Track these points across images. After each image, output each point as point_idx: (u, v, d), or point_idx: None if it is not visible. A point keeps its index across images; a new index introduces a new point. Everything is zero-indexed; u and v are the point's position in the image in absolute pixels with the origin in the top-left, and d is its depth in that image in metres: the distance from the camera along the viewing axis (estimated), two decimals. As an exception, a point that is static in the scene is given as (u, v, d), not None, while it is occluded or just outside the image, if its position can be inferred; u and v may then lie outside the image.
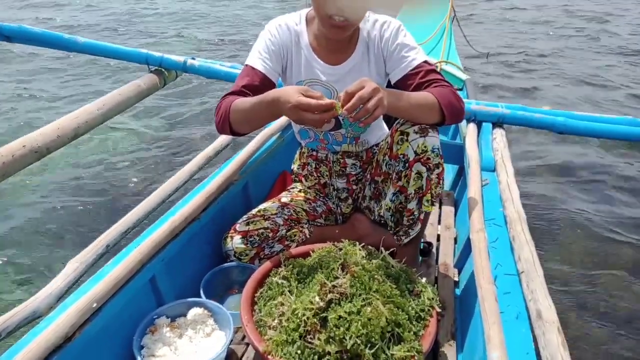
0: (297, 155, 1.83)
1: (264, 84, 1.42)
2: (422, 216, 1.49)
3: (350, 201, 1.76)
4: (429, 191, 1.41)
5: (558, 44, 7.31)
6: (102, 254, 1.28)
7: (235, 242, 1.54)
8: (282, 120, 2.16)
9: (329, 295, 1.15)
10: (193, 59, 2.50)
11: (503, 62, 6.34)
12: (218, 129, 1.43)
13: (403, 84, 1.45)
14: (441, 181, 1.43)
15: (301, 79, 1.52)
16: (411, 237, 1.54)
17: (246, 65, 1.47)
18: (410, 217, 1.50)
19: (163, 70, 2.50)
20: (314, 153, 1.72)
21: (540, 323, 1.03)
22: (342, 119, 1.56)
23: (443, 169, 1.43)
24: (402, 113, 1.35)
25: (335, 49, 1.49)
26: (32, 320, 1.08)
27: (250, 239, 1.54)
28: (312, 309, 1.13)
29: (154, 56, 2.48)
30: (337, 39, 1.43)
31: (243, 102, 1.33)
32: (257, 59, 1.46)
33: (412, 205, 1.46)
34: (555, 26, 8.38)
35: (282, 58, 1.50)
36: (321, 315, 1.13)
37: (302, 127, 1.65)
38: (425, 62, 1.45)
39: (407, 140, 1.38)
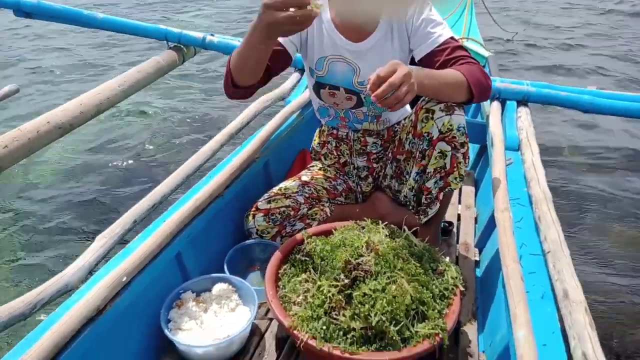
0: (316, 133, 1.82)
1: (279, 53, 1.40)
2: (440, 195, 1.47)
3: (370, 180, 1.75)
4: (455, 169, 1.39)
5: (588, 24, 7.08)
6: (130, 229, 1.30)
7: (257, 220, 1.55)
8: (303, 97, 2.15)
9: (354, 273, 1.16)
10: (212, 35, 2.48)
11: (527, 42, 6.17)
12: (225, 90, 1.40)
13: (429, 60, 1.42)
14: (467, 160, 1.42)
15: (323, 55, 1.50)
16: (429, 216, 1.52)
17: None
18: (428, 196, 1.48)
19: (182, 46, 2.50)
20: (334, 131, 1.71)
21: (567, 303, 1.02)
22: (364, 97, 1.54)
23: (468, 147, 1.41)
24: (430, 92, 1.33)
25: (357, 25, 1.46)
26: (64, 292, 1.10)
27: (272, 217, 1.55)
28: (337, 285, 1.14)
29: (173, 32, 2.47)
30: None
31: (238, 46, 1.29)
32: None
33: (430, 183, 1.45)
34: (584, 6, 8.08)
35: (300, 32, 1.45)
36: (346, 292, 1.14)
37: (321, 104, 1.63)
38: (452, 38, 1.41)
39: (432, 118, 1.36)
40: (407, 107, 1.70)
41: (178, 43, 2.49)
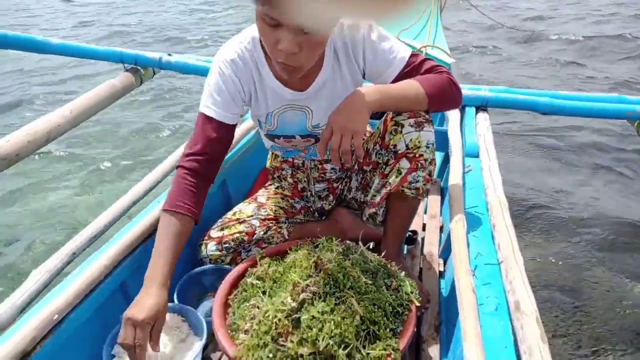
0: (270, 155, 1.72)
1: (222, 132, 1.30)
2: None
3: (331, 198, 1.70)
4: (399, 187, 1.34)
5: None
6: (68, 261, 1.24)
7: (209, 249, 1.49)
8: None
9: (302, 295, 1.11)
10: (169, 55, 2.44)
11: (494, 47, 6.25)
12: None
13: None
14: (432, 177, 1.36)
15: (272, 110, 1.40)
16: (366, 216, 1.51)
17: (200, 113, 1.32)
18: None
19: (139, 68, 2.45)
20: (290, 159, 1.63)
21: (519, 315, 0.98)
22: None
23: (435, 164, 1.36)
24: (387, 108, 1.28)
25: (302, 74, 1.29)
26: (-8, 334, 1.03)
27: (225, 245, 1.49)
28: (284, 310, 1.09)
29: (129, 54, 2.42)
30: (290, 79, 1.23)
31: (158, 236, 1.25)
32: (211, 105, 1.30)
33: (377, 199, 1.41)
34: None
35: (242, 95, 1.35)
36: (294, 316, 1.09)
37: (274, 143, 1.54)
38: (412, 54, 1.33)
39: (400, 132, 1.30)
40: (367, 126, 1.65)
41: (135, 65, 2.44)
